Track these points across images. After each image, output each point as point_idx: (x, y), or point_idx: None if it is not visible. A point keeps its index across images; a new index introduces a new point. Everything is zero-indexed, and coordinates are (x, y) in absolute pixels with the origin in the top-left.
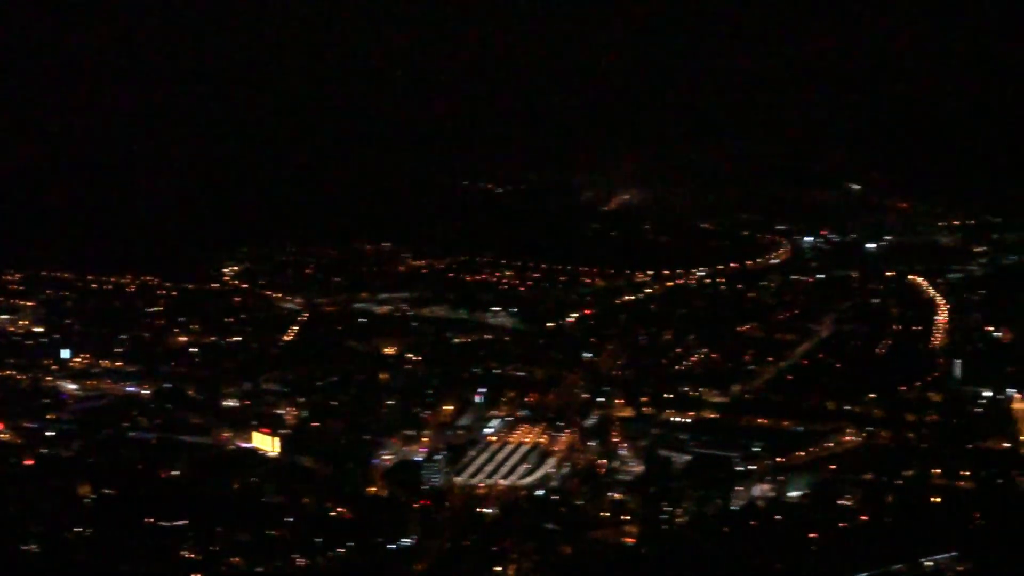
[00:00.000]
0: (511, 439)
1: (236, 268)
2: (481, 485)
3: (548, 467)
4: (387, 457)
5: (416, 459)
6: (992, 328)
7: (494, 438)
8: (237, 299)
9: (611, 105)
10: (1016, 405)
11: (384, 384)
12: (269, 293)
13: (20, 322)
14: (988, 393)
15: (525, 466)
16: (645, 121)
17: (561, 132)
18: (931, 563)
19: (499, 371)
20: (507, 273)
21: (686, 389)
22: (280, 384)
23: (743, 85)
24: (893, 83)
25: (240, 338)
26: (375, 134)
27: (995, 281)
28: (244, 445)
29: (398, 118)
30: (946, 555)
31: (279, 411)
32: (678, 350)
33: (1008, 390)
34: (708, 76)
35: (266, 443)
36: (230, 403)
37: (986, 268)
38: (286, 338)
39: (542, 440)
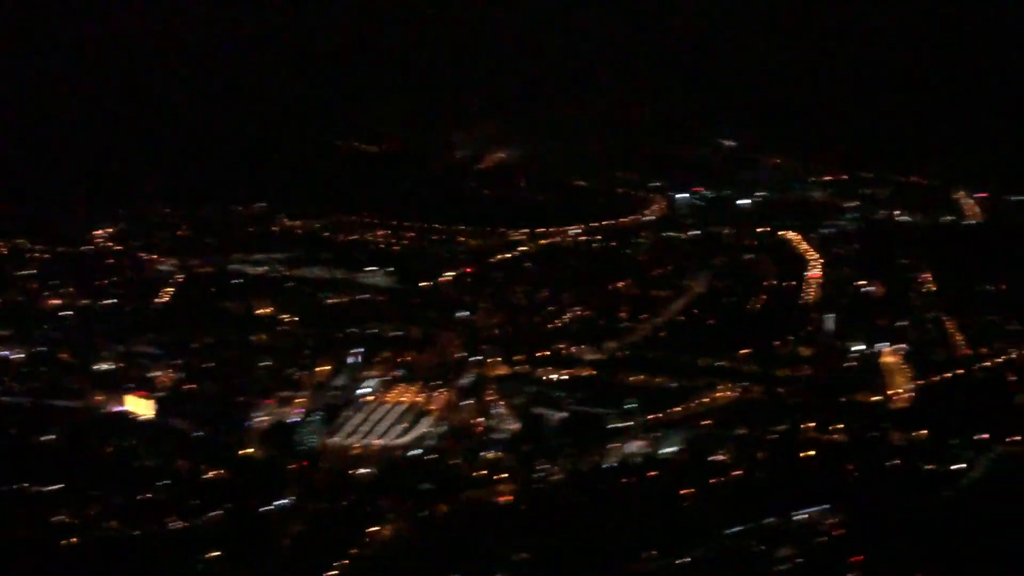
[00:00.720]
0: (387, 399)
1: (109, 230)
2: (357, 446)
3: (424, 427)
4: (262, 419)
5: (291, 420)
6: (863, 282)
7: (370, 398)
8: (110, 261)
9: (484, 62)
10: (886, 359)
11: (259, 345)
12: (142, 255)
13: None
14: (860, 347)
15: (401, 426)
16: (519, 78)
17: (434, 90)
18: (803, 516)
19: (374, 331)
20: (381, 232)
21: (561, 347)
22: (154, 347)
23: (617, 42)
24: (763, 39)
25: (113, 301)
26: (247, 92)
27: (866, 236)
28: (118, 409)
29: (270, 76)
30: (818, 508)
31: (153, 374)
32: (553, 308)
33: (878, 344)
34: (582, 33)
35: (140, 406)
36: (104, 366)
37: (857, 223)
38: (160, 300)
39: (418, 400)
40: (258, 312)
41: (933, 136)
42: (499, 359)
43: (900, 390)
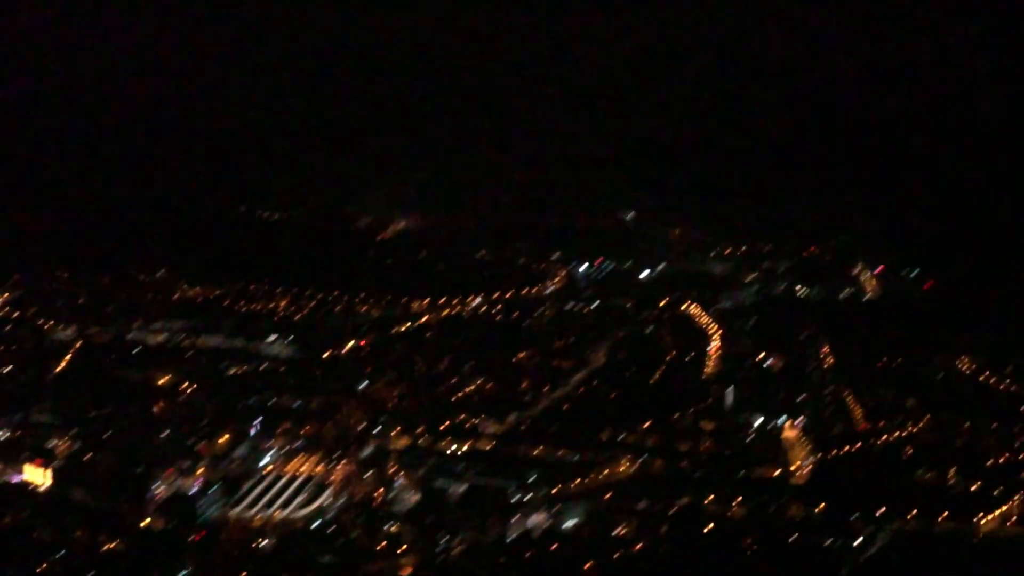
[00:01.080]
0: (287, 470)
1: (6, 296)
2: (257, 517)
3: (324, 498)
4: (161, 489)
5: (191, 491)
6: (763, 356)
7: (270, 469)
8: (7, 328)
9: (387, 133)
10: (787, 433)
11: (158, 415)
12: (40, 322)
13: None
14: (760, 421)
15: (301, 497)
16: (422, 149)
17: (337, 160)
18: None
19: (275, 401)
20: (283, 302)
21: (462, 418)
22: (52, 416)
23: (519, 114)
24: (663, 112)
25: (10, 368)
26: (148, 158)
27: (765, 309)
28: (15, 479)
29: (173, 143)
30: None
31: (51, 443)
32: (454, 379)
33: (779, 418)
34: (484, 106)
35: (37, 476)
36: (0, 435)
37: (757, 296)
38: (58, 368)
39: (318, 471)
40: (158, 381)
41: (832, 211)
42: (400, 431)
43: (800, 464)
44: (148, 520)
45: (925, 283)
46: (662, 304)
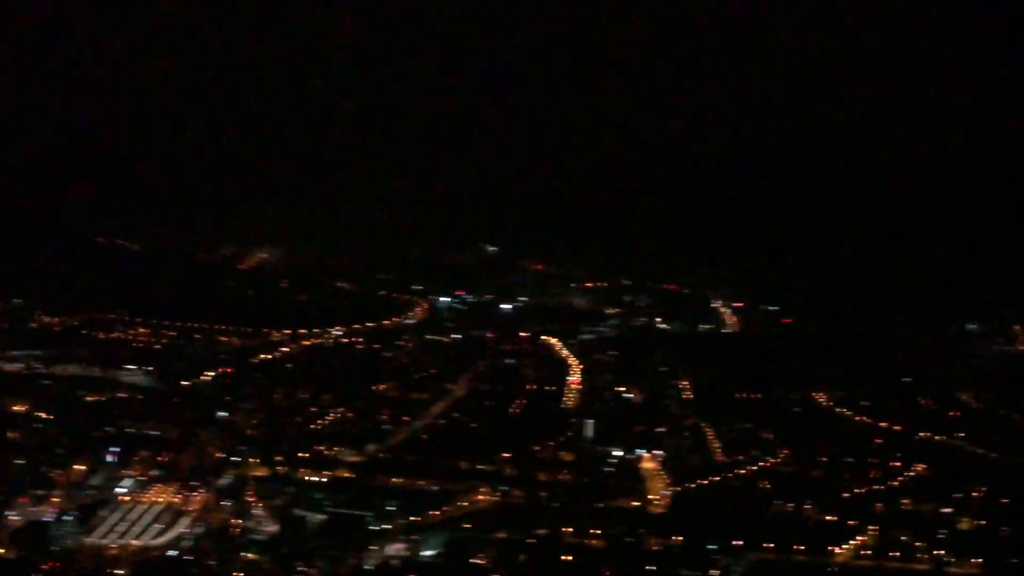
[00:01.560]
0: (144, 499)
1: None
2: (113, 546)
3: (181, 527)
4: (15, 518)
5: (46, 519)
6: (623, 389)
7: (127, 498)
8: None
9: (247, 162)
10: (645, 464)
11: (13, 443)
12: None
13: None
14: (619, 453)
15: (158, 526)
16: (282, 180)
17: (197, 189)
18: None
19: (132, 430)
20: (142, 330)
21: (321, 448)
22: None
23: (380, 146)
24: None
25: None
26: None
27: (626, 343)
28: None
29: (28, 171)
30: None
31: None
32: (314, 409)
33: (638, 450)
34: (347, 136)
35: None
36: None
37: (618, 330)
38: None
39: (175, 500)
40: (13, 409)
41: (694, 247)
42: (259, 460)
43: (658, 496)
44: (0, 549)
45: (783, 319)
46: (523, 336)
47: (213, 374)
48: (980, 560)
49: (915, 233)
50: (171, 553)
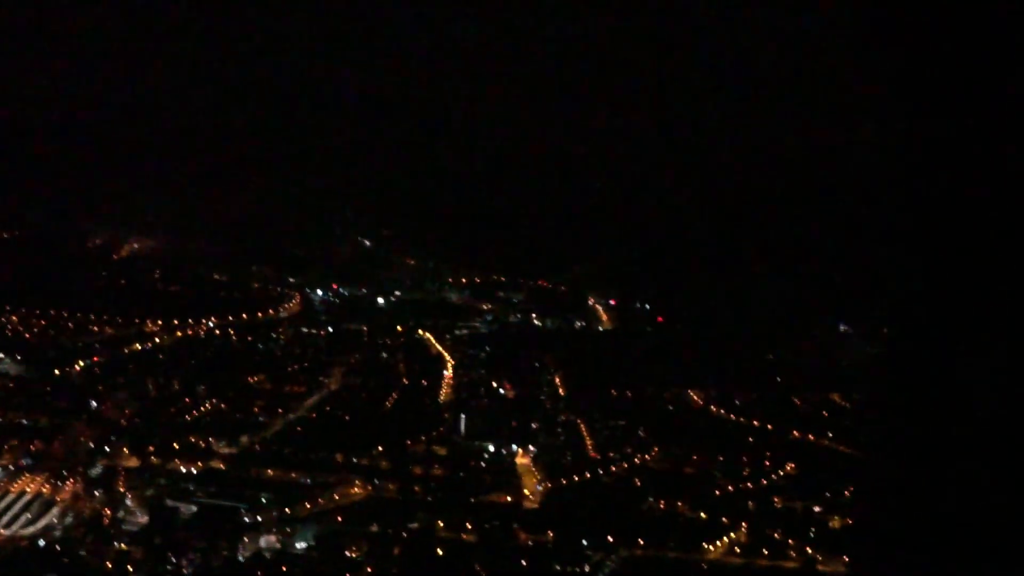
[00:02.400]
0: (13, 488)
1: None
2: None
3: (51, 517)
4: None
5: None
6: (496, 384)
7: None
8: None
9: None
10: (519, 460)
11: None
12: None
13: None
14: (492, 448)
15: (27, 516)
16: (156, 167)
17: (70, 177)
18: None
19: (1, 419)
20: (12, 319)
21: (194, 439)
22: None
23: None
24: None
25: None
26: None
27: (500, 338)
28: None
29: None
30: None
31: None
32: (187, 400)
33: (512, 445)
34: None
35: None
36: None
37: (492, 325)
38: None
39: (45, 489)
40: None
41: (569, 244)
42: (130, 450)
43: (531, 491)
44: None
45: (657, 317)
46: (398, 330)
47: (85, 363)
48: (848, 558)
49: (789, 234)
50: (40, 543)
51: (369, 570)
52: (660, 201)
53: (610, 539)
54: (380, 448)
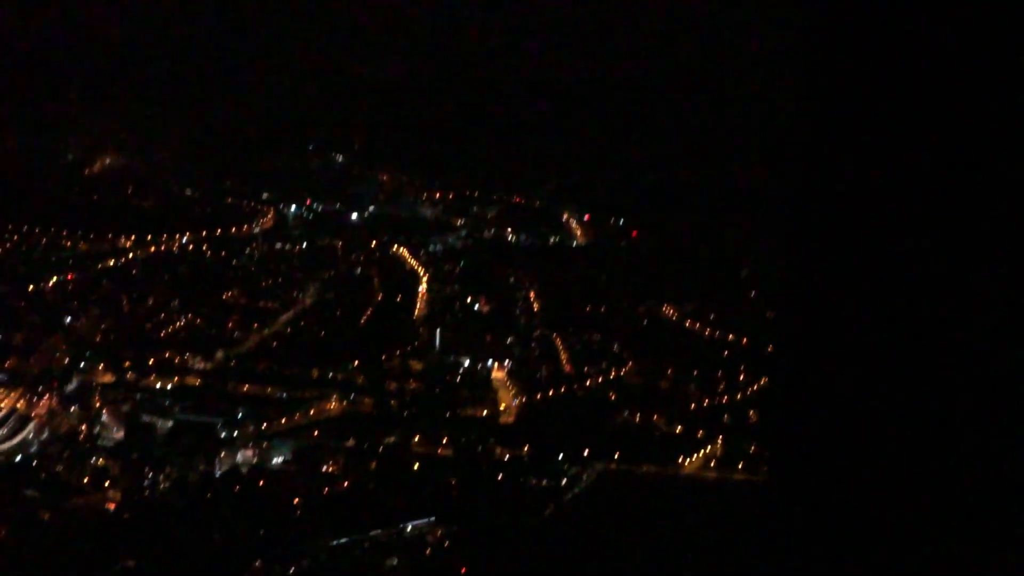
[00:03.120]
0: None
1: None
2: None
3: (27, 433)
4: None
5: None
6: (471, 299)
7: None
8: None
9: (93, 64)
10: (495, 374)
11: None
12: None
13: None
14: (467, 362)
15: (2, 432)
16: (131, 83)
17: (41, 91)
18: (410, 528)
19: None
20: None
21: (169, 355)
22: None
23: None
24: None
25: None
26: None
27: (474, 253)
28: None
29: None
30: (424, 520)
31: None
32: (161, 316)
33: (487, 360)
34: (198, 38)
35: None
36: None
37: (466, 240)
38: None
39: (20, 405)
40: None
41: (542, 158)
42: (105, 366)
43: (507, 406)
44: None
45: (631, 232)
46: (372, 246)
47: (58, 279)
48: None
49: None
50: (17, 459)
51: (346, 484)
52: (634, 115)
53: (585, 453)
54: (356, 363)
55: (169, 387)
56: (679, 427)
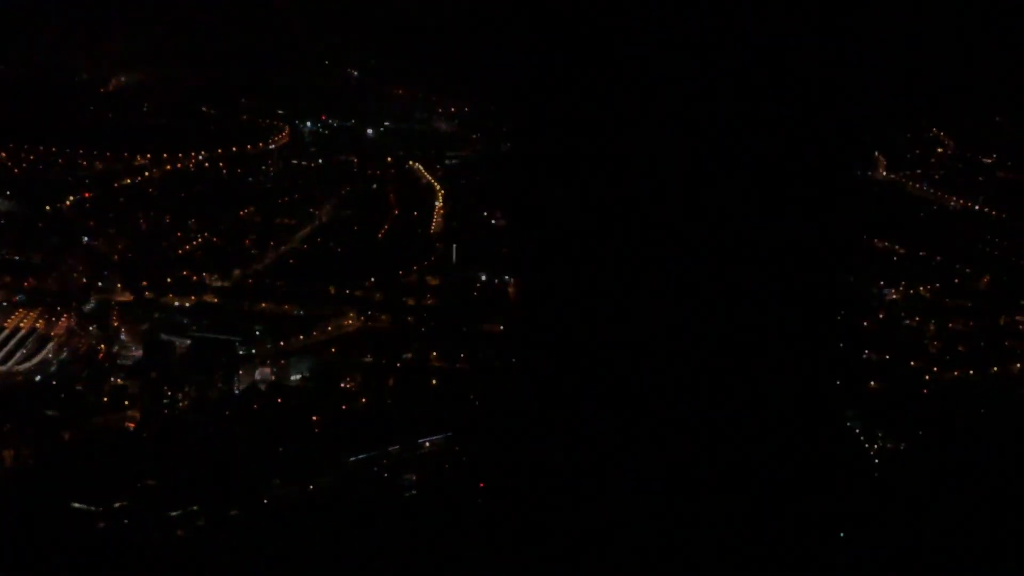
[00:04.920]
0: (7, 324)
1: None
2: None
3: (47, 353)
4: None
5: None
6: (487, 213)
7: None
8: None
9: None
10: (511, 289)
11: None
12: None
13: None
14: (484, 277)
15: (22, 351)
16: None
17: (55, 10)
18: (428, 444)
19: None
20: (1, 155)
21: (187, 273)
22: None
23: None
24: None
25: None
26: None
27: (491, 167)
28: None
29: None
30: (441, 436)
31: None
32: (179, 234)
33: (504, 275)
34: None
35: None
36: None
37: (482, 154)
38: None
39: (39, 325)
40: None
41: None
42: (123, 285)
43: None
44: None
45: None
46: (388, 161)
47: (75, 198)
48: None
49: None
50: (37, 378)
51: (364, 400)
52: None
53: None
54: (373, 279)
55: (187, 305)
56: None
